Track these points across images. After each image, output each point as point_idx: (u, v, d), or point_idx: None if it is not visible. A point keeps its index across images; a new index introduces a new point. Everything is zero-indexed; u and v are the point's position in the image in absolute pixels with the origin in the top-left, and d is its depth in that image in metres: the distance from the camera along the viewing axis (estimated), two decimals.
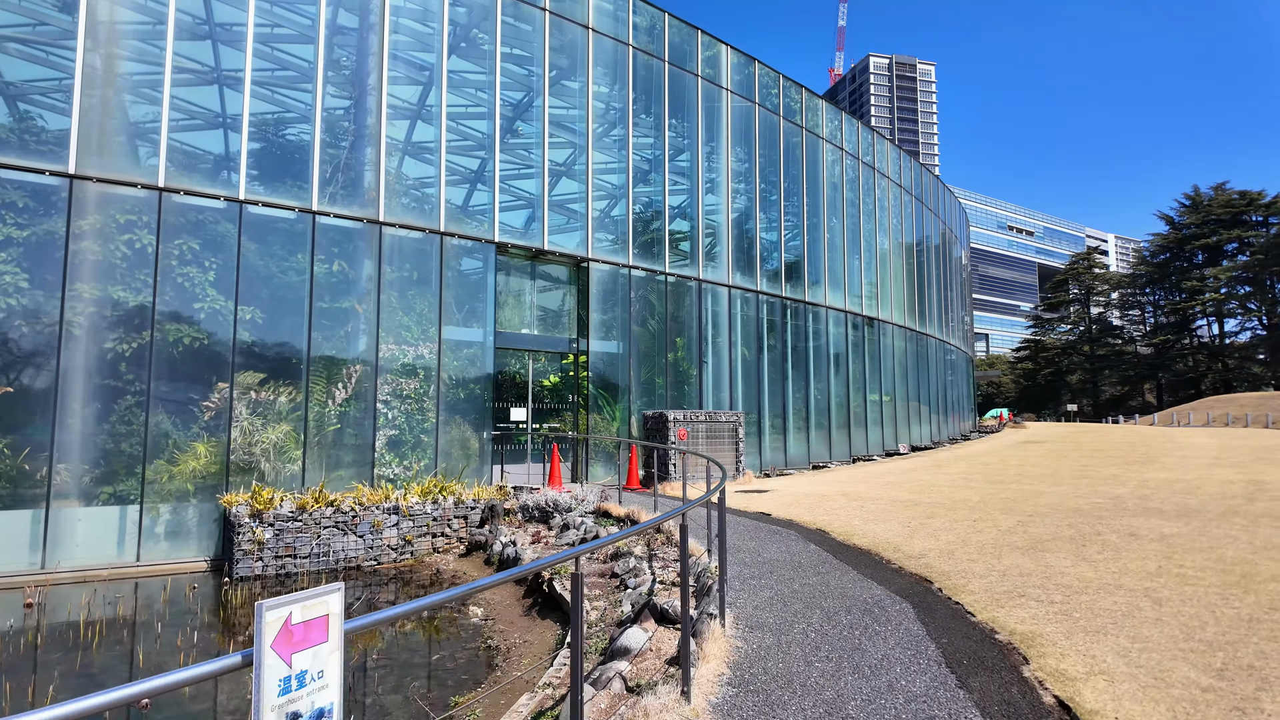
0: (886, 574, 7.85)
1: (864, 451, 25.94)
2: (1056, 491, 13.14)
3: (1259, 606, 5.80)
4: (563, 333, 17.93)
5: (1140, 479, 14.80)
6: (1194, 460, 18.42)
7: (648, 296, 19.28)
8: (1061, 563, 7.58)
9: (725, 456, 16.58)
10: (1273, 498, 11.70)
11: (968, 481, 15.28)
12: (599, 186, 18.97)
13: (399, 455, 14.73)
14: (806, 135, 24.41)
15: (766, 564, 8.42)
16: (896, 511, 11.40)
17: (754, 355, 21.83)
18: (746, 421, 21.29)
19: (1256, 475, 14.88)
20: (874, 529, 10.19)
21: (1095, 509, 10.92)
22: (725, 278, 20.98)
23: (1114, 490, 13.14)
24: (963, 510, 11.20)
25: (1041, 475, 16.12)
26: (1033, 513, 10.68)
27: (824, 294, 24.67)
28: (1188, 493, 12.57)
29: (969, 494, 13.15)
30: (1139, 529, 9.07)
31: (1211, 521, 9.57)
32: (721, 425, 16.52)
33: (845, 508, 12.06)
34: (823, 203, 25.08)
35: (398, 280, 15.15)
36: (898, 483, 15.51)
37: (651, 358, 19.21)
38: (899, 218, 30.32)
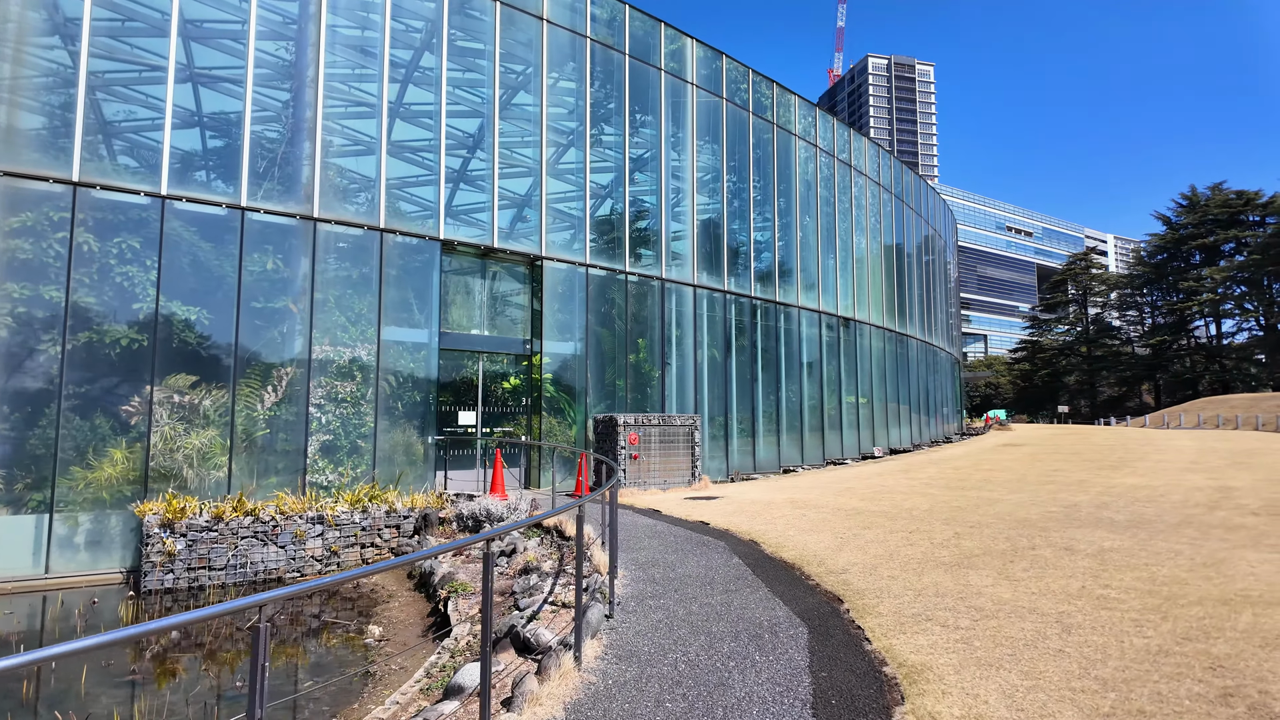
0: (799, 592, 7.29)
1: (838, 455, 25.35)
2: (1013, 499, 12.56)
3: (1172, 636, 5.22)
4: (517, 333, 17.37)
5: (1106, 485, 14.22)
6: (1168, 465, 17.83)
7: (607, 296, 18.72)
8: (983, 581, 7.01)
9: (680, 461, 16.00)
10: (1235, 506, 11.12)
11: (927, 488, 14.69)
12: (555, 182, 18.42)
13: (334, 461, 14.16)
14: (778, 131, 23.84)
15: (676, 580, 7.85)
16: (837, 521, 10.83)
17: (721, 357, 21.25)
18: (712, 425, 20.73)
19: (1226, 481, 14.28)
20: (807, 540, 9.62)
21: (1045, 519, 10.34)
22: (690, 277, 20.41)
23: (1074, 498, 12.56)
24: (905, 520, 10.62)
25: (1006, 481, 15.54)
26: (977, 523, 10.10)
27: (797, 294, 24.10)
28: (1149, 500, 11.99)
29: (920, 501, 12.57)
30: (1078, 542, 8.49)
31: (1161, 533, 8.99)
32: (676, 429, 15.95)
33: (788, 516, 11.49)
34: (795, 201, 24.51)
35: (336, 279, 14.59)
36: (854, 489, 14.93)
37: (612, 359, 18.65)
38: (878, 216, 29.73)
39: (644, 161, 20.38)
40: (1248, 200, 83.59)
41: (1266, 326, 78.44)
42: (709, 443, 20.52)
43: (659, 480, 15.56)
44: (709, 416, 20.66)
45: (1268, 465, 17.05)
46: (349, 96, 15.86)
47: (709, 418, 20.66)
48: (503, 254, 16.68)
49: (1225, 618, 5.56)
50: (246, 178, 13.51)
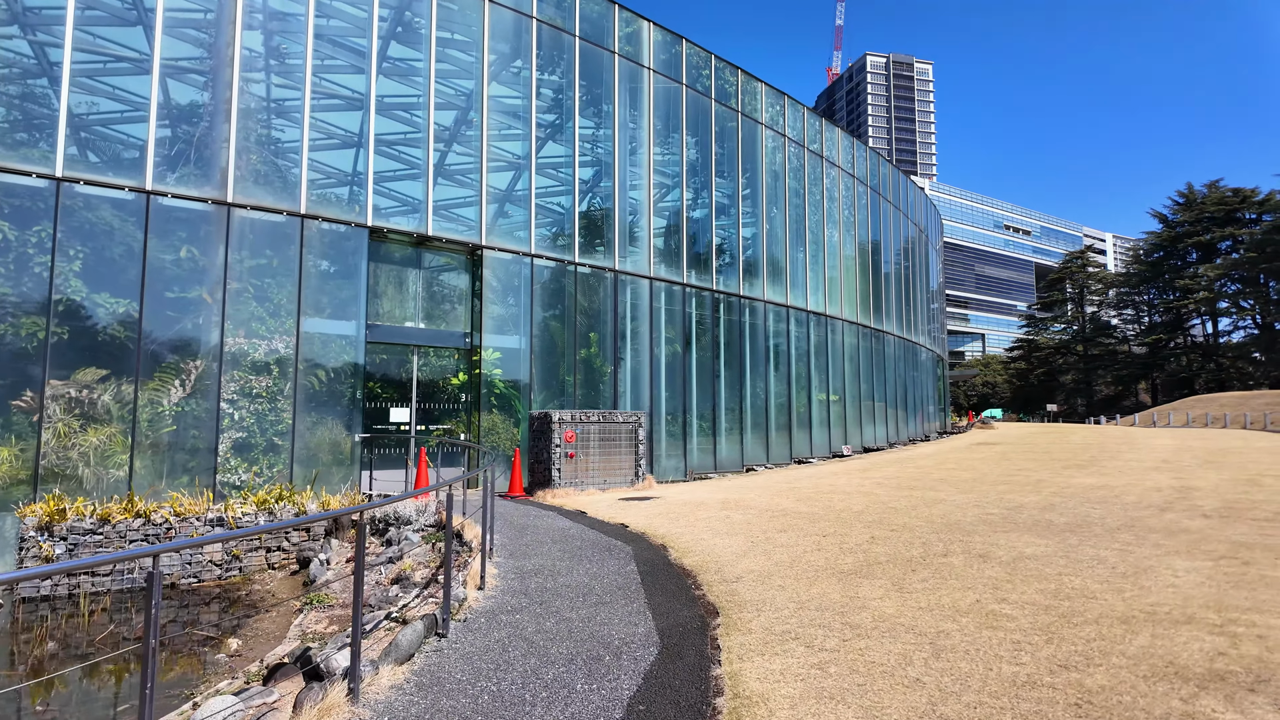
0: (678, 604, 6.55)
1: (807, 453, 24.60)
2: (957, 500, 11.81)
3: (1050, 663, 4.47)
4: (457, 326, 16.62)
5: (1062, 485, 13.46)
6: (1137, 464, 17.07)
7: (556, 288, 17.97)
8: (873, 593, 6.26)
9: (622, 461, 15.25)
10: (1188, 507, 10.37)
11: (876, 488, 13.94)
12: (497, 167, 17.68)
13: (248, 460, 13.42)
14: (743, 120, 23.08)
15: (551, 591, 7.11)
16: (760, 523, 10.08)
17: (681, 353, 20.50)
18: (670, 423, 20.00)
19: (1190, 481, 13.53)
20: (718, 544, 8.88)
21: (979, 522, 9.59)
22: (646, 269, 19.65)
23: (1022, 499, 11.80)
24: (829, 522, 9.87)
25: (962, 480, 14.79)
26: (902, 526, 9.35)
27: (763, 288, 23.34)
28: (1101, 501, 11.23)
29: (859, 502, 11.81)
30: (998, 549, 7.74)
31: (1096, 537, 8.24)
32: (618, 426, 15.19)
33: (713, 518, 10.75)
34: (762, 191, 23.75)
35: (255, 268, 13.86)
36: (800, 489, 14.19)
37: (561, 354, 17.91)
38: (852, 209, 28.95)
39: (596, 148, 19.63)
40: (1244, 198, 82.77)
41: (1262, 325, 77.62)
42: (666, 441, 19.79)
43: (598, 480, 14.81)
44: (666, 414, 19.93)
45: (1238, 464, 16.29)
46: (271, 78, 15.11)
47: (666, 415, 19.92)
48: (439, 243, 15.93)
49: (1119, 639, 4.81)
50: (152, 160, 12.76)
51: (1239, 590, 5.89)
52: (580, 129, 18.78)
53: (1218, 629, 4.94)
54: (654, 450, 19.21)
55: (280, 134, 14.85)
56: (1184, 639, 4.76)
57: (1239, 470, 15.18)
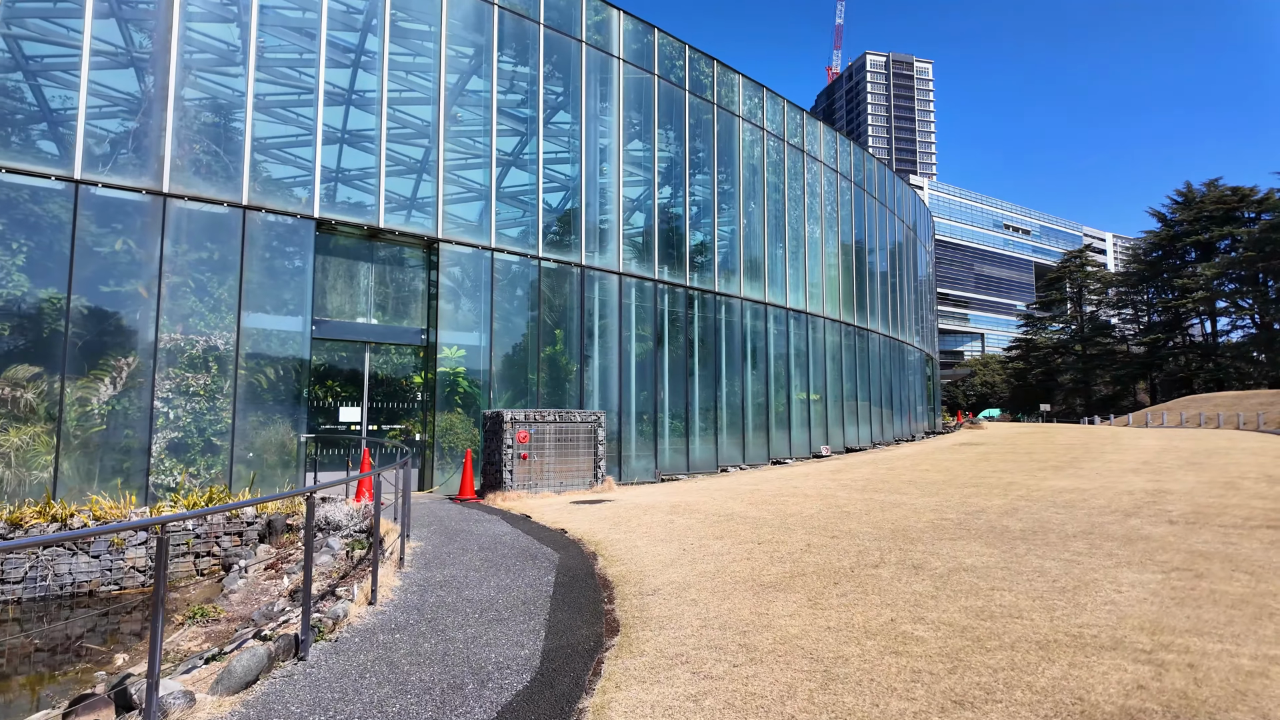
0: (581, 620, 6.02)
1: (786, 454, 24.05)
2: (916, 504, 11.25)
3: (945, 698, 3.92)
4: (413, 322, 16.08)
5: (1032, 488, 12.90)
6: (1117, 466, 16.50)
7: (519, 283, 17.44)
8: (785, 609, 5.72)
9: (580, 462, 14.70)
10: (1155, 512, 9.81)
11: (839, 490, 13.39)
12: (455, 159, 17.12)
13: (184, 461, 12.89)
14: (719, 112, 22.52)
15: (449, 606, 6.57)
16: (701, 529, 9.54)
17: (652, 351, 19.95)
18: (640, 423, 19.45)
19: (1166, 484, 12.97)
20: (649, 552, 8.34)
21: (930, 528, 9.04)
22: (616, 264, 19.09)
23: (986, 502, 11.25)
24: (771, 528, 9.32)
25: (931, 483, 14.23)
26: (845, 533, 8.80)
27: (740, 285, 22.78)
28: (1066, 506, 10.68)
29: (813, 506, 11.27)
30: (936, 559, 7.18)
31: (1047, 546, 7.69)
32: (576, 427, 14.64)
33: (656, 523, 10.21)
34: (739, 186, 23.19)
35: (195, 261, 13.33)
36: (761, 491, 13.64)
37: (523, 352, 17.37)
38: (835, 205, 28.38)
39: (563, 139, 19.09)
40: (1243, 196, 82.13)
41: (1261, 324, 76.96)
42: (636, 441, 19.25)
43: (554, 483, 14.26)
44: (637, 413, 19.38)
45: (1220, 466, 15.72)
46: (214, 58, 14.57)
47: (637, 415, 19.38)
48: (392, 235, 15.39)
49: (1031, 669, 4.26)
50: (81, 147, 12.22)
51: (1182, 608, 5.34)
52: (546, 120, 18.24)
53: (1145, 656, 4.39)
54: (623, 451, 18.68)
55: (223, 123, 14.29)
56: (1104, 669, 4.21)
57: (1219, 472, 14.62)
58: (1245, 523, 8.93)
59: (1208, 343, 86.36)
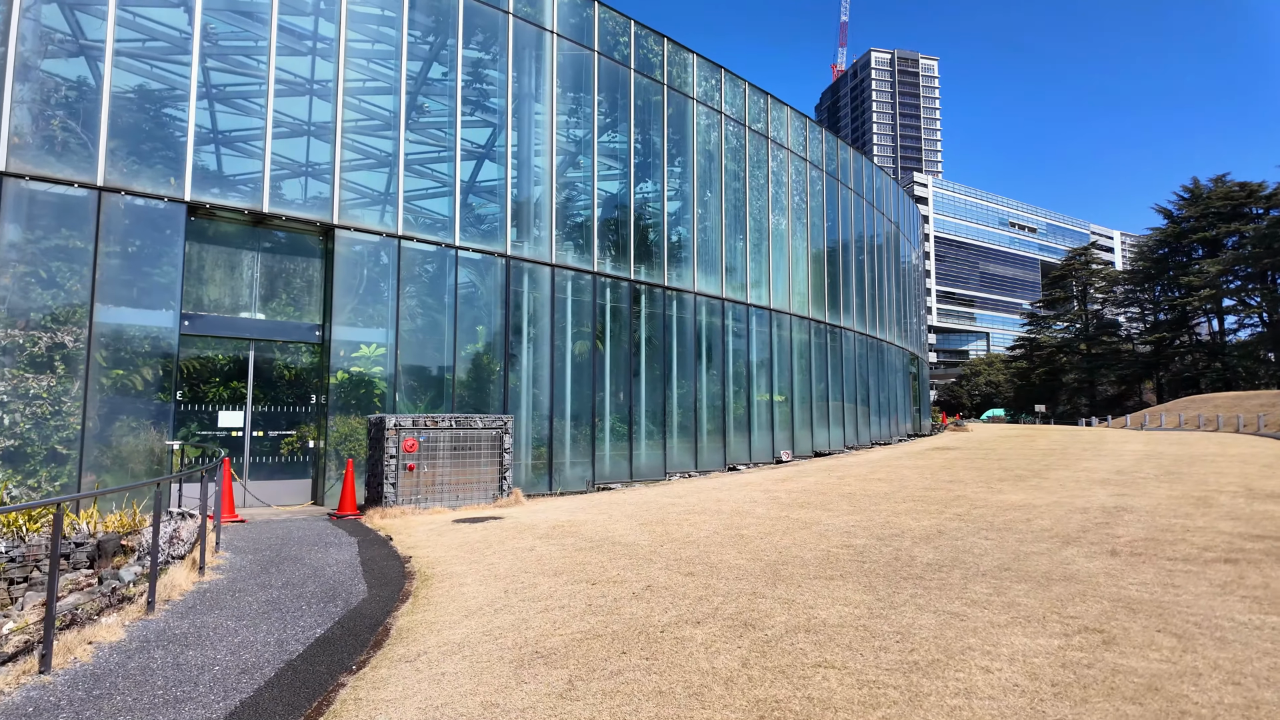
0: (288, 701, 4.54)
1: (745, 459, 22.52)
2: (830, 524, 9.73)
3: None
4: (307, 317, 14.64)
5: (977, 504, 11.36)
6: (1088, 475, 14.91)
7: (431, 276, 15.99)
8: (528, 697, 4.23)
9: (482, 473, 13.22)
10: (1102, 538, 8.26)
11: (766, 504, 11.87)
12: (356, 135, 15.66)
13: (23, 472, 11.47)
14: (670, 93, 21.01)
15: (135, 678, 5.11)
16: (557, 559, 8.06)
17: (591, 349, 18.45)
18: (576, 427, 17.96)
19: (1131, 500, 11.39)
20: (471, 592, 6.90)
21: (818, 560, 7.52)
22: (548, 255, 17.60)
23: (912, 523, 9.72)
24: (628, 561, 7.82)
25: (871, 496, 12.69)
26: (710, 567, 7.29)
27: (693, 278, 21.26)
28: (1002, 528, 9.14)
29: (709, 526, 9.75)
30: (786, 610, 5.67)
31: (940, 589, 6.18)
32: (476, 433, 13.17)
33: (518, 550, 8.74)
34: (693, 172, 21.67)
35: (47, 249, 11.92)
36: (671, 506, 12.15)
37: (439, 351, 15.91)
38: (804, 195, 26.80)
39: (484, 115, 17.61)
40: (1250, 192, 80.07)
41: (1270, 322, 74.84)
42: (571, 447, 17.77)
43: (449, 497, 12.79)
44: (572, 417, 17.89)
45: (1200, 477, 14.11)
46: (66, 21, 13.14)
47: (572, 419, 17.89)
48: (280, 221, 13.94)
49: None
50: None
51: (1059, 705, 3.82)
52: (467, 97, 16.77)
53: None
54: (554, 458, 17.21)
55: (77, 96, 12.86)
56: None
57: (1197, 484, 13.03)
58: (1201, 554, 7.38)
59: (1215, 342, 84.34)
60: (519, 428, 16.69)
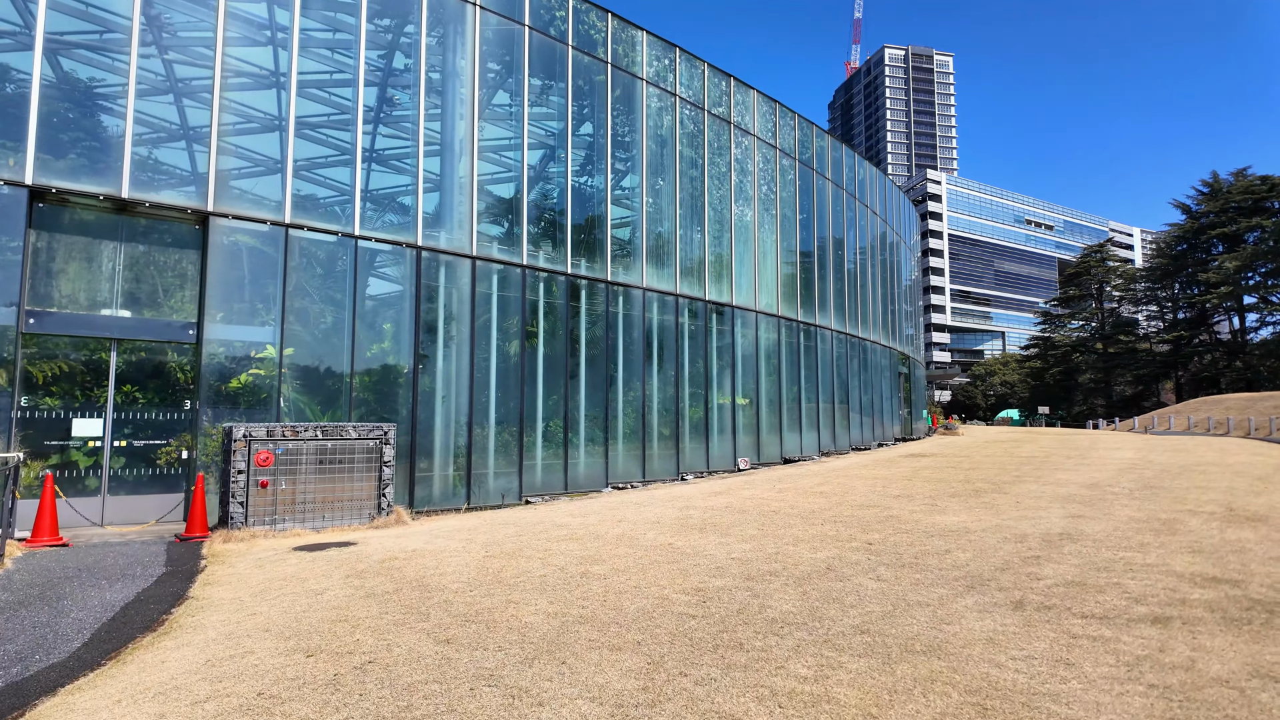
0: None
1: (702, 466, 20.92)
2: (715, 556, 8.14)
3: None
4: (179, 315, 13.23)
5: (906, 528, 9.72)
6: (1053, 491, 13.17)
7: (327, 268, 14.55)
8: None
9: (357, 488, 11.75)
10: (1016, 581, 6.63)
11: (660, 526, 10.29)
12: (240, 109, 14.24)
13: None
14: (615, 73, 19.45)
15: None
16: (326, 609, 6.55)
17: (519, 349, 16.95)
18: (501, 434, 16.47)
19: (1087, 524, 9.70)
20: (167, 666, 5.39)
21: (636, 614, 5.97)
22: (468, 246, 16.11)
23: (810, 555, 8.11)
24: (387, 622, 6.30)
25: (801, 514, 11.07)
26: (492, 625, 5.76)
27: (641, 273, 19.70)
28: (909, 565, 7.52)
29: (564, 558, 8.20)
30: (506, 714, 4.13)
31: (753, 666, 4.62)
32: (349, 444, 11.69)
33: (301, 593, 7.25)
34: (642, 158, 20.10)
35: None
36: (558, 529, 10.61)
37: (336, 352, 14.46)
38: (773, 184, 25.12)
39: (394, 88, 16.15)
40: (1272, 186, 77.22)
41: None
42: (495, 457, 16.28)
43: (314, 517, 11.31)
44: (497, 424, 16.40)
45: (1180, 492, 12.33)
46: None
47: (497, 425, 16.40)
48: (145, 208, 12.55)
49: None
50: None
51: None
52: (368, 65, 15.32)
53: None
54: (473, 469, 15.73)
55: None
56: None
57: (1172, 502, 11.28)
58: (1130, 608, 5.74)
59: (1235, 340, 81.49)
60: (431, 435, 15.25)
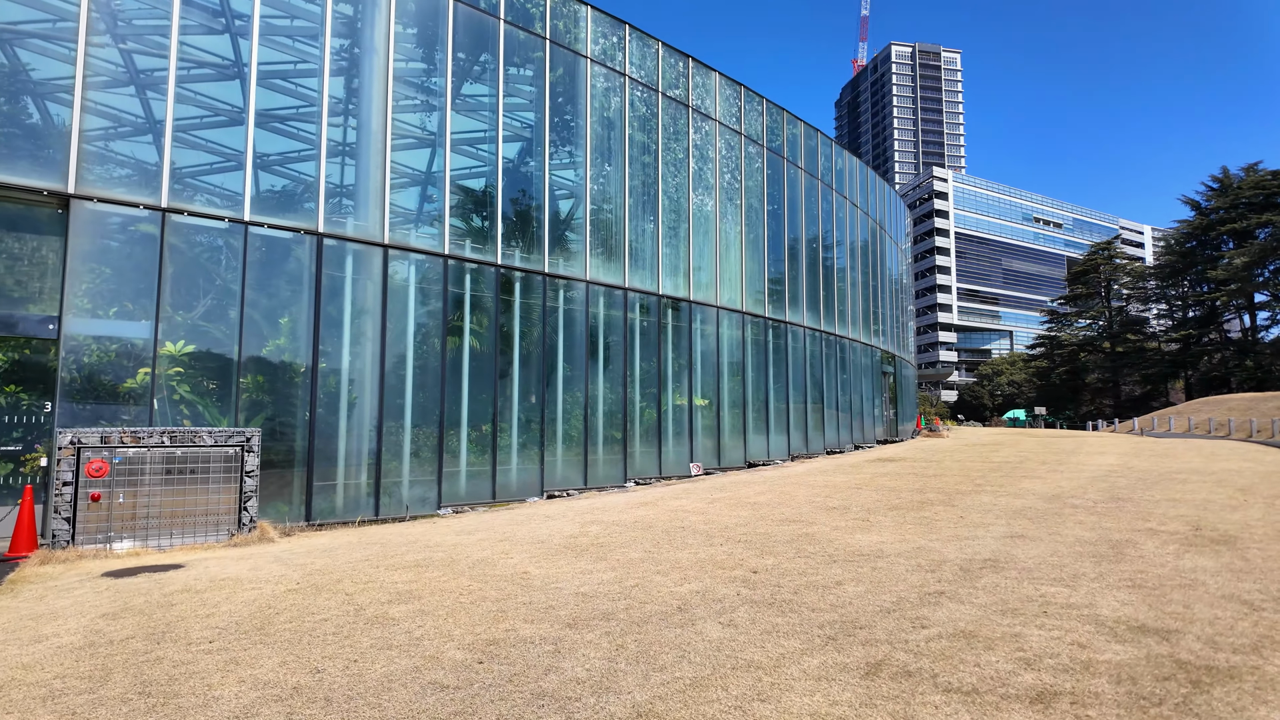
0: None
1: (655, 471, 19.54)
2: (534, 600, 6.78)
3: None
4: (36, 307, 11.98)
5: (814, 550, 8.32)
6: (1006, 504, 11.69)
7: (213, 257, 13.27)
8: None
9: (211, 501, 10.44)
10: (891, 632, 5.24)
11: (516, 549, 8.95)
12: (103, 76, 12.96)
13: None
14: (555, 50, 18.09)
15: None
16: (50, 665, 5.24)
17: (440, 346, 15.63)
18: (417, 437, 15.16)
19: (1017, 548, 8.27)
20: None
21: (365, 689, 4.61)
22: (379, 233, 14.80)
23: (675, 588, 6.74)
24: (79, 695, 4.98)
25: (711, 530, 9.68)
26: None
27: (584, 264, 18.34)
28: (782, 605, 6.14)
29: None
30: None
31: None
32: (204, 453, 10.39)
33: (31, 639, 5.94)
34: (586, 142, 18.74)
35: None
36: (401, 556, 9.28)
37: (222, 349, 13.17)
38: (738, 173, 23.70)
39: (287, 56, 14.85)
40: None
41: None
42: (410, 463, 14.98)
43: (159, 534, 10.00)
44: (413, 426, 15.09)
45: (1145, 507, 10.84)
46: None
47: (413, 428, 15.09)
48: None
49: None
50: None
51: None
52: (262, 30, 14.02)
53: None
54: (382, 477, 14.42)
55: None
56: None
57: (1133, 518, 9.81)
58: (1013, 675, 4.34)
59: (1246, 339, 79.41)
60: (335, 440, 13.96)
